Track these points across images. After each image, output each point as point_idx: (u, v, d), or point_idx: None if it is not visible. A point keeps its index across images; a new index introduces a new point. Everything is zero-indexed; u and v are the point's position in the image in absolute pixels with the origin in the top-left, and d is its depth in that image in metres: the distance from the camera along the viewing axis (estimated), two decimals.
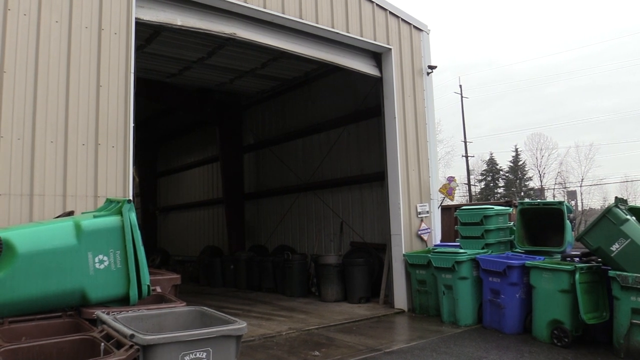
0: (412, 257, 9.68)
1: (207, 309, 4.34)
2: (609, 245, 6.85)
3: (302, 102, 14.41)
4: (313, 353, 6.92)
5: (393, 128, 10.33)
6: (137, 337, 3.35)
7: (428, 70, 11.05)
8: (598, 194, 51.91)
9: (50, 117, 6.14)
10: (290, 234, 14.77)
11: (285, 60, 11.76)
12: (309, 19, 8.98)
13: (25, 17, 6.08)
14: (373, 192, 12.26)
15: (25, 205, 5.85)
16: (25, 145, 5.94)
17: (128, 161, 6.72)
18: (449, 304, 8.73)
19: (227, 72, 12.91)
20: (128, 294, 4.66)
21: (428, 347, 7.17)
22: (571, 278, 7.03)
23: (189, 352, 3.51)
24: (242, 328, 3.75)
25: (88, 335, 3.75)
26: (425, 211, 10.60)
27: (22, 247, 4.31)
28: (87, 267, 4.51)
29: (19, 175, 5.86)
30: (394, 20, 10.59)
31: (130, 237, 4.71)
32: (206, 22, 8.05)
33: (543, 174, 54.50)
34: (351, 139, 12.99)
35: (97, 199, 6.33)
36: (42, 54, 6.16)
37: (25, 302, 4.29)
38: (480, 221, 9.14)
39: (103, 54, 6.66)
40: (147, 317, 4.22)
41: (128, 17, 6.95)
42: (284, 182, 14.99)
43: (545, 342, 7.28)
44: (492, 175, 58.88)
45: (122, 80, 6.80)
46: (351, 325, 8.77)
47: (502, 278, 7.97)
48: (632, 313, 6.37)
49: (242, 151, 16.65)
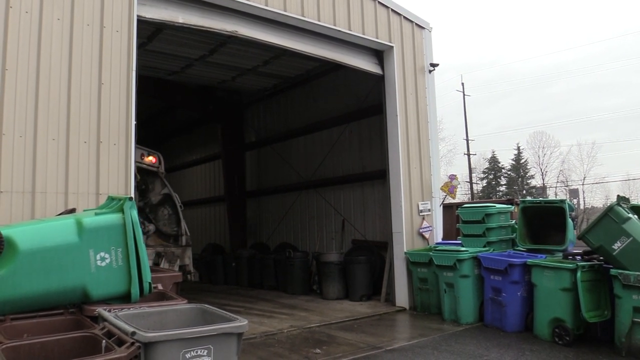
0: (413, 255, 9.68)
1: (209, 306, 4.35)
2: (610, 243, 6.83)
3: (304, 100, 14.40)
4: (314, 351, 6.93)
5: (395, 126, 10.32)
6: (139, 335, 3.36)
7: (430, 68, 11.03)
8: (600, 192, 51.88)
9: (52, 114, 6.15)
10: (292, 231, 14.77)
11: (287, 58, 11.75)
12: (311, 16, 8.97)
13: (27, 14, 6.08)
14: (375, 190, 12.26)
15: (27, 203, 5.86)
16: (27, 143, 5.95)
17: (130, 159, 6.74)
18: (451, 302, 8.72)
19: (229, 69, 12.91)
20: (129, 292, 4.66)
21: (429, 345, 7.17)
22: (573, 276, 7.02)
23: (190, 350, 3.51)
24: (244, 325, 3.75)
25: (89, 333, 3.75)
26: (427, 209, 10.59)
27: (23, 245, 4.31)
28: (88, 265, 4.52)
29: (21, 173, 5.86)
30: (396, 18, 10.57)
31: (131, 234, 4.71)
32: (208, 19, 8.04)
33: (545, 172, 54.47)
34: (353, 136, 12.98)
35: (98, 196, 6.34)
36: (43, 51, 6.16)
37: (26, 299, 4.29)
38: (482, 219, 9.12)
39: (105, 51, 6.66)
40: (148, 315, 4.23)
41: (130, 14, 6.95)
42: (285, 180, 14.98)
43: (547, 341, 7.27)
44: (494, 173, 58.78)
45: (124, 78, 6.80)
46: (352, 323, 8.78)
47: (503, 276, 7.97)
48: (633, 311, 6.36)
49: (244, 149, 16.65)
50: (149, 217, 11.06)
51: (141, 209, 11.04)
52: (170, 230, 10.96)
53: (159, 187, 11.24)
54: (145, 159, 10.90)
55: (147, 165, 10.95)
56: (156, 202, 11.16)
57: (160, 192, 11.23)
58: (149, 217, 11.05)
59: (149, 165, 10.99)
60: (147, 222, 10.68)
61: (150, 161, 11.02)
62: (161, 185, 11.25)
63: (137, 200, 10.96)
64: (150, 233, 10.63)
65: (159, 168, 11.18)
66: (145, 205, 11.11)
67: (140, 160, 10.65)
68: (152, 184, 11.26)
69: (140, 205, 11.04)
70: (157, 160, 11.17)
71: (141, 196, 11.10)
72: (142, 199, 11.10)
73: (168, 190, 11.17)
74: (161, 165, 11.22)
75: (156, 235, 10.82)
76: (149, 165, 10.99)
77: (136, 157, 10.49)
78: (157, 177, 11.23)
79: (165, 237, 10.89)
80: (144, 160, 10.82)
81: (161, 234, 10.93)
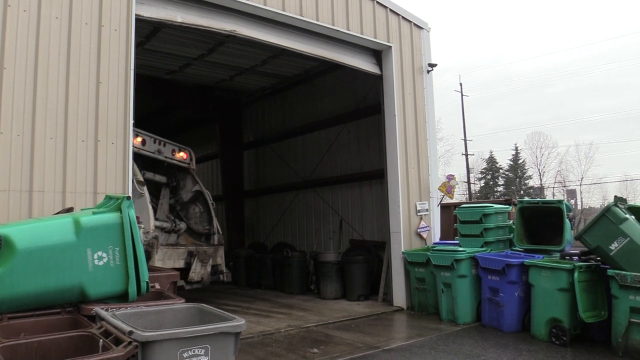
0: (411, 255, 9.69)
1: (206, 305, 4.35)
2: (608, 244, 6.85)
3: (303, 100, 14.40)
4: (312, 350, 6.93)
5: (393, 126, 10.32)
6: (136, 334, 3.36)
7: (428, 68, 11.04)
8: (597, 192, 52.00)
9: (50, 113, 6.14)
10: (289, 231, 14.77)
11: (286, 57, 11.75)
12: (310, 16, 8.97)
13: (25, 13, 6.07)
14: (372, 190, 12.26)
15: (25, 202, 5.85)
16: (25, 142, 5.94)
17: (127, 158, 6.72)
18: (448, 302, 8.73)
19: (227, 69, 12.90)
20: (127, 291, 4.66)
21: (426, 344, 7.18)
22: (570, 277, 7.04)
23: (188, 349, 3.51)
24: (241, 325, 3.76)
25: (87, 332, 3.75)
26: (425, 209, 10.59)
27: (21, 244, 4.30)
28: (86, 264, 4.51)
29: (19, 172, 5.86)
30: (395, 18, 10.58)
31: (129, 233, 4.70)
32: (207, 19, 8.04)
33: (543, 172, 54.50)
34: (351, 136, 12.98)
35: (96, 195, 6.33)
36: (42, 50, 6.15)
37: (24, 298, 4.29)
38: (479, 219, 9.13)
39: (103, 50, 6.66)
40: (145, 314, 4.23)
41: (128, 13, 6.95)
42: (283, 180, 14.98)
43: (544, 341, 7.29)
44: (491, 173, 58.79)
45: (122, 76, 6.79)
46: (350, 322, 8.78)
47: (501, 276, 7.98)
48: (630, 312, 6.37)
49: (242, 148, 16.65)
50: (180, 215, 10.84)
51: (172, 206, 10.81)
52: (202, 229, 10.70)
53: (190, 184, 10.99)
54: (177, 155, 10.67)
55: (178, 162, 10.71)
56: (187, 199, 10.93)
57: (191, 189, 10.98)
58: (180, 215, 10.83)
59: (179, 161, 10.75)
60: (178, 220, 10.50)
61: (181, 157, 10.79)
62: (192, 182, 10.99)
63: (169, 198, 10.79)
64: (182, 232, 10.41)
65: (190, 164, 10.97)
66: (176, 203, 10.89)
67: (171, 157, 10.46)
68: (183, 180, 11.02)
69: (171, 203, 10.82)
70: (188, 156, 10.96)
71: (172, 193, 10.88)
72: (172, 196, 10.87)
73: (199, 187, 10.91)
74: (192, 161, 11.00)
75: (187, 234, 10.60)
76: (179, 161, 10.75)
77: (167, 154, 10.39)
78: (188, 173, 11.01)
79: (197, 236, 10.65)
80: (174, 157, 10.60)
81: (192, 232, 10.70)
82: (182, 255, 9.56)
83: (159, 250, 8.67)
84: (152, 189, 10.06)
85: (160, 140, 10.25)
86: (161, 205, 10.45)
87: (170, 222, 10.16)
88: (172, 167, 10.73)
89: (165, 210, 10.51)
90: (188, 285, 9.40)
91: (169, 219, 10.32)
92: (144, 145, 9.72)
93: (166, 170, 10.71)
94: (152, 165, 10.34)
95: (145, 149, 9.77)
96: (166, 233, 9.99)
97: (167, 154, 10.38)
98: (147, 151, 9.81)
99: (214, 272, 10.15)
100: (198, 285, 9.73)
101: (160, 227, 9.66)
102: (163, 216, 10.25)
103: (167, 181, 10.75)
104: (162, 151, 10.21)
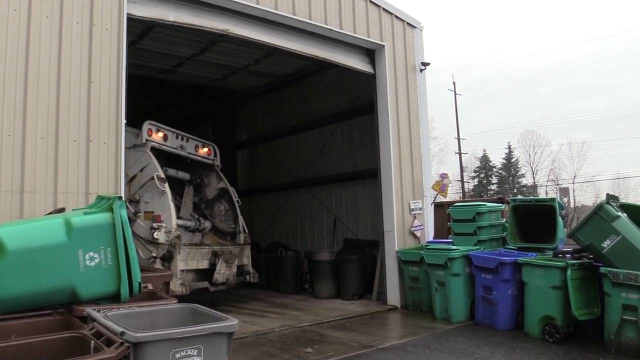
0: (405, 253, 9.69)
1: (199, 306, 4.33)
2: (600, 241, 6.88)
3: (296, 99, 14.38)
4: (306, 350, 6.92)
5: (386, 125, 10.32)
6: (128, 335, 3.33)
7: (421, 67, 11.05)
8: (590, 191, 52.03)
9: (41, 113, 6.09)
10: (283, 230, 14.74)
11: (279, 56, 11.73)
12: (302, 15, 8.95)
13: (15, 12, 6.02)
14: (366, 189, 12.26)
15: (16, 202, 5.81)
16: (16, 142, 5.89)
17: (119, 158, 6.68)
18: (442, 301, 8.75)
19: (220, 68, 12.85)
20: (119, 291, 4.63)
21: (420, 343, 7.19)
22: (563, 274, 7.06)
23: (180, 350, 3.49)
24: (234, 325, 3.74)
25: (78, 333, 3.72)
26: (418, 208, 10.61)
27: (11, 244, 4.26)
28: (77, 264, 4.47)
29: (10, 172, 5.81)
30: (388, 16, 10.58)
31: (121, 234, 4.67)
32: (199, 18, 8.00)
33: (536, 171, 54.71)
34: (344, 135, 12.98)
35: (88, 195, 6.29)
36: (32, 49, 6.10)
37: (15, 299, 4.25)
38: (472, 218, 9.16)
39: (94, 49, 6.61)
40: (138, 315, 4.20)
41: (120, 12, 6.90)
42: (277, 179, 14.95)
43: (537, 338, 7.31)
44: (485, 172, 59.00)
45: (114, 76, 6.75)
46: (344, 322, 8.78)
47: (494, 274, 8.00)
48: (622, 309, 6.41)
49: (235, 148, 16.57)
50: (204, 213, 10.53)
51: (196, 204, 10.47)
52: (227, 228, 10.37)
53: (214, 182, 10.65)
54: (200, 150, 10.35)
55: (202, 158, 10.38)
56: (212, 197, 10.61)
57: (216, 187, 10.65)
58: (205, 214, 10.51)
59: (203, 157, 10.41)
60: (202, 218, 10.18)
61: (205, 153, 10.45)
62: (217, 179, 10.65)
63: (192, 195, 10.45)
64: (206, 231, 10.10)
65: (215, 160, 10.65)
66: (201, 201, 10.57)
67: (194, 153, 10.13)
68: (208, 177, 10.68)
69: (195, 201, 10.49)
70: (212, 152, 10.64)
71: (196, 191, 10.52)
72: (197, 194, 10.52)
73: (224, 184, 10.56)
74: (217, 157, 10.68)
75: (212, 233, 10.30)
76: (203, 157, 10.41)
77: (190, 149, 10.03)
78: (212, 170, 10.69)
79: (222, 235, 10.33)
80: (198, 153, 10.28)
81: (217, 231, 10.39)
82: (206, 255, 9.15)
83: (182, 251, 8.40)
84: (175, 186, 9.76)
85: (183, 135, 9.99)
86: (185, 203, 10.16)
87: (195, 221, 9.86)
88: (196, 163, 10.39)
89: (189, 208, 10.23)
90: (212, 287, 9.07)
91: (193, 217, 10.03)
92: (166, 141, 9.43)
93: (189, 166, 10.41)
94: (174, 162, 10.07)
95: (167, 145, 9.47)
96: (190, 232, 9.71)
97: (190, 150, 10.07)
98: (169, 147, 9.52)
99: (240, 273, 9.78)
100: (223, 286, 9.36)
101: (184, 226, 9.39)
102: (187, 214, 9.98)
103: (190, 178, 10.43)
104: (184, 147, 9.92)
